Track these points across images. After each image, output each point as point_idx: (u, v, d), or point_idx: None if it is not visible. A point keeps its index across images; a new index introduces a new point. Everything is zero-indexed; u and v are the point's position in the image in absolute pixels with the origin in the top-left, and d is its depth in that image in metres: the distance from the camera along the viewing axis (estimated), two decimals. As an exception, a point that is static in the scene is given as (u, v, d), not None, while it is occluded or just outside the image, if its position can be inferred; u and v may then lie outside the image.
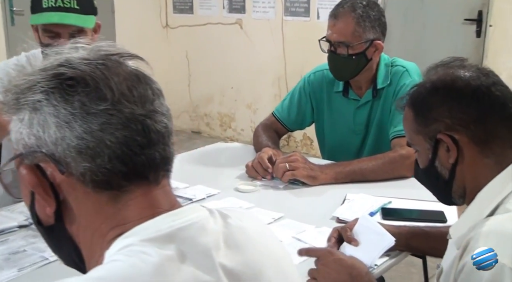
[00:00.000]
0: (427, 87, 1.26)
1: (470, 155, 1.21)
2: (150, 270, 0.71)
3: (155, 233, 0.76)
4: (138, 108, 0.78)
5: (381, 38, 2.21)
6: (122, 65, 0.82)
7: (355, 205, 1.89)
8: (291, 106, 2.47)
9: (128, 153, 0.76)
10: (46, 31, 1.92)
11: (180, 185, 2.06)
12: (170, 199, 0.83)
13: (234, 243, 0.83)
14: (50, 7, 1.88)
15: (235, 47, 5.68)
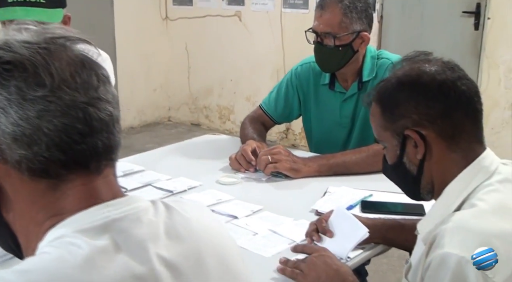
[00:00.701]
0: (393, 83, 1.24)
1: (437, 150, 1.21)
2: (77, 263, 0.71)
3: (89, 223, 0.75)
4: (80, 95, 0.76)
5: (367, 30, 2.20)
6: (67, 49, 0.80)
7: (335, 197, 1.89)
8: (278, 99, 2.46)
9: (67, 141, 0.75)
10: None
11: (163, 177, 2.07)
12: (113, 189, 0.82)
13: (175, 234, 0.83)
14: (15, 2, 1.82)
15: (234, 40, 5.67)
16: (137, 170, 2.13)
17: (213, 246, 0.87)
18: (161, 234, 0.81)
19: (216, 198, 1.88)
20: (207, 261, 0.84)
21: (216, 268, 0.85)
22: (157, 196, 1.89)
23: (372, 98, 1.29)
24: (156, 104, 6.24)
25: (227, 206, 1.83)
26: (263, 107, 2.50)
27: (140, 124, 6.11)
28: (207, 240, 0.87)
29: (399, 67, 1.26)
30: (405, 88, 1.22)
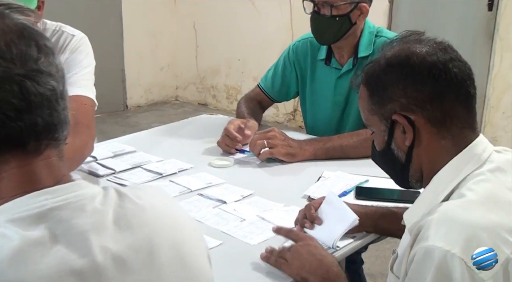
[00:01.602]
0: (381, 64, 1.17)
1: (427, 137, 1.13)
2: (6, 255, 0.65)
3: (24, 212, 0.69)
4: (16, 67, 0.70)
5: (367, 2, 2.11)
6: (5, 18, 0.74)
7: (329, 183, 1.82)
8: (275, 76, 2.39)
9: (0, 118, 0.69)
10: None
11: (154, 159, 2.01)
12: (55, 173, 0.75)
13: (126, 224, 0.77)
14: None
15: (242, 18, 5.57)
16: (128, 150, 2.07)
17: (169, 238, 0.81)
18: (109, 224, 0.75)
19: (206, 182, 1.82)
20: (160, 254, 0.78)
21: (170, 262, 0.79)
22: (147, 179, 1.84)
23: (360, 80, 1.21)
24: (163, 84, 6.17)
25: (217, 190, 1.77)
26: (261, 85, 2.43)
27: (147, 103, 6.06)
28: (162, 231, 0.80)
29: (389, 48, 1.19)
30: (393, 70, 1.14)
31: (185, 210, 1.00)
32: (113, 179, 1.84)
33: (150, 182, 1.82)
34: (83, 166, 1.89)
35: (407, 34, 1.20)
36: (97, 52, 5.50)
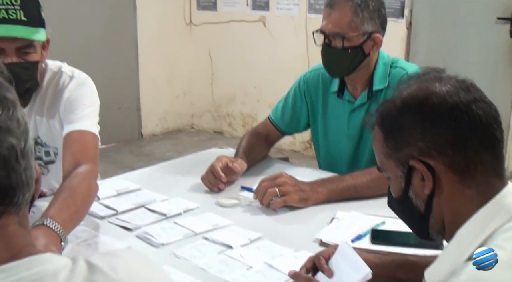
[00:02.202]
0: (397, 104, 1.06)
1: (448, 185, 1.02)
2: None
3: None
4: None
5: (380, 32, 2.01)
6: None
7: (342, 225, 1.71)
8: (285, 107, 2.29)
9: None
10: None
11: (158, 197, 1.91)
12: (13, 245, 0.65)
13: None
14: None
15: (258, 45, 5.52)
16: (132, 188, 1.98)
17: None
18: None
19: (212, 223, 1.72)
20: None
21: None
22: (150, 220, 1.73)
23: (375, 120, 1.11)
24: (179, 112, 6.11)
25: (223, 233, 1.66)
26: (271, 117, 2.33)
27: (162, 132, 5.99)
28: None
29: (406, 86, 1.08)
30: (410, 112, 1.03)
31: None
32: (115, 220, 1.74)
33: (153, 223, 1.72)
34: (83, 206, 1.79)
35: (426, 71, 1.10)
36: (112, 81, 5.56)
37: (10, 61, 1.66)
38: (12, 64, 1.65)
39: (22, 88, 1.72)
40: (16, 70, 1.65)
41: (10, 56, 1.67)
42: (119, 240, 1.61)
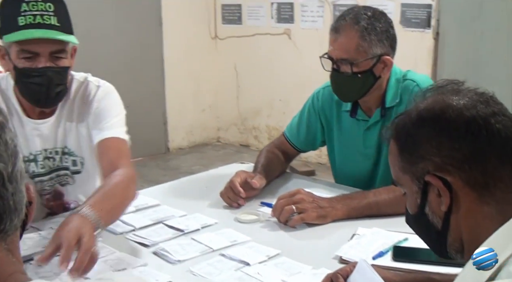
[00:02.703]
0: (412, 118, 1.03)
1: (466, 202, 0.98)
2: None
3: None
4: None
5: (390, 53, 1.96)
6: None
7: (363, 242, 1.66)
8: (300, 125, 2.25)
9: None
10: (22, 51, 1.70)
11: (177, 213, 1.89)
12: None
13: None
14: (29, 24, 1.67)
15: (283, 58, 5.50)
16: (151, 204, 1.97)
17: None
18: None
19: (230, 240, 1.69)
20: None
21: None
22: (167, 236, 1.72)
23: (390, 134, 1.07)
24: (205, 125, 6.13)
25: (241, 249, 1.63)
26: (286, 134, 2.30)
27: (188, 145, 6.01)
28: None
29: (422, 99, 1.04)
30: (425, 125, 1.00)
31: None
32: (132, 236, 1.72)
33: (171, 239, 1.70)
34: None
35: (444, 83, 1.06)
36: (139, 95, 5.60)
37: (43, 66, 1.72)
38: (45, 68, 1.72)
39: (53, 92, 1.78)
40: (49, 73, 1.73)
41: (44, 60, 1.72)
42: (135, 256, 1.59)
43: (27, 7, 1.68)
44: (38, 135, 1.89)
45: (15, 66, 1.73)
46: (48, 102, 1.83)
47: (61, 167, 1.95)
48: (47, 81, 1.73)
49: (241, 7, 5.83)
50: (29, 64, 1.71)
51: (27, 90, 1.77)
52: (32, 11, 1.68)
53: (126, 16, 5.40)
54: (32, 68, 1.71)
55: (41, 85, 1.74)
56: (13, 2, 1.70)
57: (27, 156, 1.88)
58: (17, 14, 1.68)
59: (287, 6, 5.50)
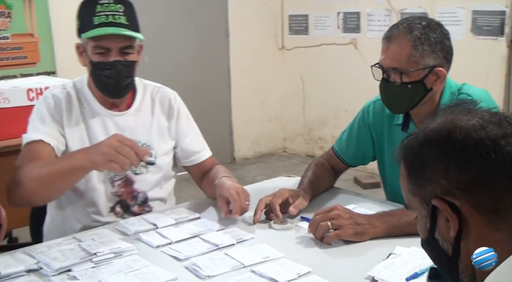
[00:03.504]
0: (419, 139, 0.98)
1: (476, 227, 0.92)
2: None
3: None
4: None
5: (443, 65, 1.88)
6: None
7: (399, 262, 1.60)
8: (349, 139, 2.21)
9: None
10: (97, 47, 1.93)
11: (215, 227, 1.90)
12: None
13: None
14: (102, 23, 1.90)
15: (349, 68, 5.44)
16: (191, 217, 1.99)
17: None
18: None
19: (263, 256, 1.67)
20: None
21: None
22: (202, 251, 1.72)
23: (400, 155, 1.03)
24: (271, 135, 6.14)
25: (272, 266, 1.61)
26: (335, 148, 2.26)
27: (254, 155, 6.04)
28: None
29: (432, 120, 1.00)
30: (432, 147, 0.95)
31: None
32: (168, 250, 1.74)
33: (204, 254, 1.71)
34: (140, 235, 1.82)
35: (457, 103, 1.01)
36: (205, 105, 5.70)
37: (114, 59, 1.93)
38: (115, 61, 1.93)
39: (123, 83, 1.99)
40: (118, 66, 1.94)
41: (114, 55, 1.92)
42: (167, 270, 1.60)
43: (101, 8, 1.91)
44: (115, 125, 2.07)
45: (90, 61, 1.96)
46: (118, 93, 2.03)
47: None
48: (116, 73, 1.94)
49: (308, 17, 5.83)
50: (102, 58, 1.93)
51: (100, 82, 1.99)
52: (105, 11, 1.91)
53: (193, 28, 5.51)
54: (104, 62, 1.93)
55: (111, 77, 1.95)
56: (89, 4, 1.93)
57: None
58: (92, 14, 1.91)
59: (354, 15, 5.44)
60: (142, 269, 1.61)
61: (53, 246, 1.74)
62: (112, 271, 1.60)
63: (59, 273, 1.59)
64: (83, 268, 1.61)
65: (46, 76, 4.27)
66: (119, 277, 1.56)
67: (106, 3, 1.91)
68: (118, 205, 2.08)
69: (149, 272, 1.59)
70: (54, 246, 1.74)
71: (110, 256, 1.68)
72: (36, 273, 1.61)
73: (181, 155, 2.23)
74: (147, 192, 2.12)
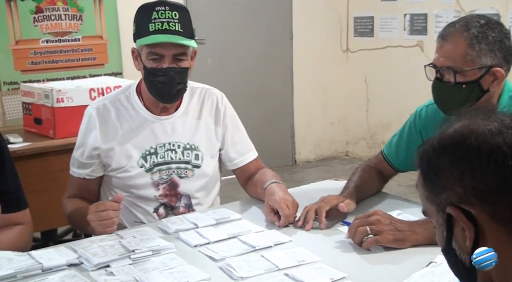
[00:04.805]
0: (434, 145, 0.94)
1: (493, 237, 0.88)
2: None
3: None
4: None
5: (502, 65, 1.79)
6: None
7: (438, 271, 1.54)
8: (400, 144, 2.15)
9: None
10: (151, 53, 1.97)
11: (255, 229, 1.90)
12: None
13: None
14: (157, 30, 1.94)
15: (415, 71, 5.26)
16: (233, 218, 1.99)
17: None
18: None
19: (299, 259, 1.65)
20: None
21: None
22: (238, 252, 1.72)
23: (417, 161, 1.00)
24: (333, 139, 6.08)
25: (306, 270, 1.59)
26: (384, 152, 2.21)
27: (316, 158, 5.99)
28: None
29: (449, 125, 0.96)
30: (446, 153, 0.91)
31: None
32: (205, 250, 1.75)
33: (240, 255, 1.70)
34: (180, 234, 1.85)
35: (477, 107, 0.96)
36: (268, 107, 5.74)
37: (167, 66, 1.96)
38: (168, 68, 1.97)
39: (174, 89, 2.02)
40: (171, 73, 1.98)
41: (168, 61, 1.97)
42: (202, 270, 1.61)
43: (157, 15, 1.95)
44: (162, 129, 2.11)
45: (144, 66, 2.00)
46: (170, 98, 2.06)
47: (182, 161, 2.13)
48: (169, 79, 1.98)
49: (373, 19, 5.74)
50: (155, 64, 1.97)
51: (153, 87, 2.02)
52: (161, 18, 1.94)
53: (257, 30, 5.54)
54: (158, 68, 1.97)
55: (164, 83, 1.99)
56: (146, 11, 1.97)
57: (148, 149, 2.09)
58: (148, 21, 1.95)
59: (421, 17, 5.31)
60: (177, 268, 1.63)
61: (95, 241, 1.79)
62: (148, 269, 1.62)
63: (97, 268, 1.63)
64: (120, 265, 1.64)
65: (109, 76, 4.41)
66: (153, 275, 1.58)
67: (162, 10, 1.95)
68: (161, 207, 2.11)
69: (184, 271, 1.61)
70: (96, 241, 1.78)
71: (148, 253, 1.70)
72: (76, 268, 1.65)
73: (225, 158, 2.24)
74: (192, 195, 2.15)
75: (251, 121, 3.12)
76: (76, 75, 4.61)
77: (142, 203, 2.10)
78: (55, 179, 2.91)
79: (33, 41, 4.65)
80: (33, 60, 4.65)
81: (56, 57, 4.74)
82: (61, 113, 3.04)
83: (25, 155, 2.87)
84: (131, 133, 2.09)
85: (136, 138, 2.09)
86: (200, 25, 1.91)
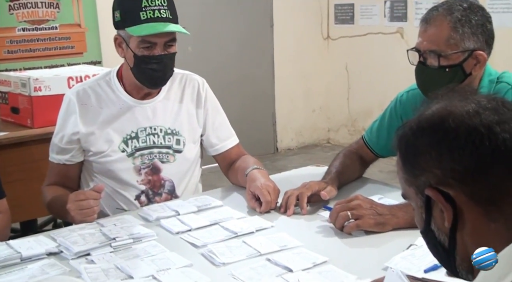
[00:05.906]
0: (412, 127, 0.94)
1: (471, 218, 0.88)
2: None
3: None
4: None
5: (484, 49, 1.80)
6: None
7: (419, 253, 1.55)
8: (380, 129, 2.15)
9: None
10: (143, 42, 1.95)
11: (236, 215, 1.89)
12: None
13: None
14: (149, 18, 1.92)
15: (395, 58, 5.31)
16: (214, 205, 1.98)
17: None
18: None
19: (280, 244, 1.65)
20: None
21: None
22: (220, 238, 1.71)
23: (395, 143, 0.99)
24: (315, 126, 6.09)
25: (288, 255, 1.59)
26: (365, 138, 2.21)
27: (297, 146, 6.00)
28: None
29: (426, 106, 0.96)
30: (424, 135, 0.91)
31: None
32: (186, 237, 1.74)
33: (222, 241, 1.70)
34: (161, 222, 1.84)
35: (455, 88, 0.96)
36: (249, 95, 5.73)
37: (160, 53, 1.96)
38: (162, 55, 1.97)
39: (167, 75, 2.05)
40: (165, 60, 1.99)
41: (160, 49, 1.96)
42: (184, 257, 1.60)
43: (147, 3, 1.93)
44: (143, 113, 2.10)
45: (134, 54, 1.97)
46: (162, 84, 2.08)
47: (163, 145, 2.12)
48: (163, 66, 1.99)
49: (353, 7, 5.74)
50: (147, 52, 1.95)
51: (145, 74, 2.01)
52: (151, 6, 1.93)
53: (238, 17, 5.51)
54: (151, 56, 1.96)
55: (158, 70, 1.98)
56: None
57: (129, 134, 2.08)
58: (138, 9, 1.92)
59: (401, 4, 5.33)
60: (158, 255, 1.62)
61: (75, 230, 1.77)
62: (129, 256, 1.61)
63: (78, 256, 1.62)
64: (101, 253, 1.63)
65: (87, 65, 4.35)
66: (135, 262, 1.57)
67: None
68: (143, 194, 2.10)
69: (165, 258, 1.60)
70: (76, 230, 1.77)
71: (129, 241, 1.69)
72: (56, 256, 1.64)
73: (206, 143, 2.23)
74: (175, 180, 2.14)
75: (232, 109, 3.10)
76: (54, 64, 4.53)
77: (124, 190, 2.08)
78: (34, 168, 2.87)
79: (9, 29, 4.56)
80: (9, 49, 4.57)
81: (33, 46, 4.67)
82: (39, 102, 2.99)
83: (3, 144, 2.83)
84: (112, 118, 2.07)
85: (117, 122, 2.07)
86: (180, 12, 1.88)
